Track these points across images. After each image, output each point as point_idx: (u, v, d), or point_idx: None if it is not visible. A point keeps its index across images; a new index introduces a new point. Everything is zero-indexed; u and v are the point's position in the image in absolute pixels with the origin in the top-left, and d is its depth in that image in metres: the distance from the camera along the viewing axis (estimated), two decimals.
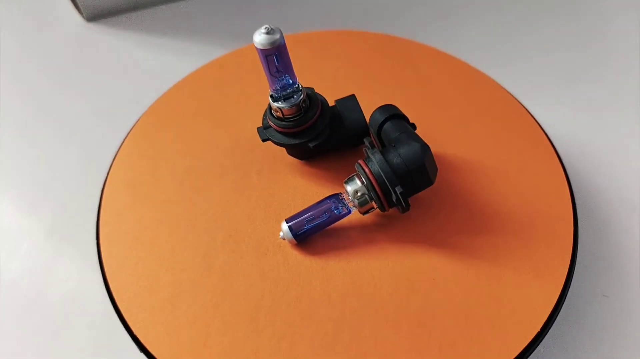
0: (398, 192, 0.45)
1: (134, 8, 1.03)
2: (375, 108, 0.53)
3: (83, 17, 1.03)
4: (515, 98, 0.62)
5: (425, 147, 0.47)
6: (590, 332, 0.58)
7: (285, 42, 0.45)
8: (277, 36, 0.44)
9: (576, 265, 0.48)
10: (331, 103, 0.55)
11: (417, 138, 0.48)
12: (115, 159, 0.59)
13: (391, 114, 0.51)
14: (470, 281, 0.47)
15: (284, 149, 0.56)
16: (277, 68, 0.47)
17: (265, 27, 0.44)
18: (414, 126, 0.53)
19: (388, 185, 0.46)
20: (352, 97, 0.55)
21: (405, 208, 0.47)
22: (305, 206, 0.52)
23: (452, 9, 1.00)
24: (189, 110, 0.64)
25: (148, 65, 0.93)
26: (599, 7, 1.01)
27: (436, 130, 0.59)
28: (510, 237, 0.49)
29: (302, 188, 0.54)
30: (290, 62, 0.47)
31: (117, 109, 0.85)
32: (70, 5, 1.04)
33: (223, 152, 0.58)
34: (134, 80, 0.90)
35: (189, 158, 0.58)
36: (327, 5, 1.01)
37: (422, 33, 0.93)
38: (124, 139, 0.61)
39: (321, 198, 0.53)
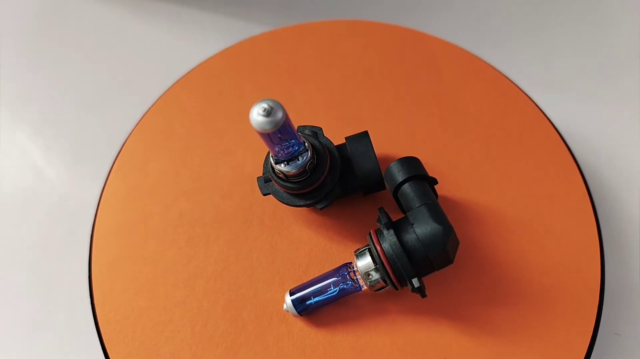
0: (415, 286, 0.41)
1: None
2: (392, 136, 0.46)
3: None
4: (557, 129, 0.54)
5: (447, 230, 0.41)
6: None
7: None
8: (279, 116, 0.36)
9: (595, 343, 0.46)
10: (339, 123, 0.48)
11: (440, 216, 0.42)
12: (102, 198, 0.53)
13: (412, 174, 0.45)
14: None
15: None
16: (279, 140, 0.40)
17: (264, 108, 0.36)
18: (435, 181, 0.47)
19: (403, 274, 0.41)
20: (365, 136, 0.48)
21: (422, 296, 0.43)
22: (311, 266, 0.48)
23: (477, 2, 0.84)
24: (182, 131, 0.56)
25: (168, 46, 0.80)
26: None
27: (457, 167, 0.52)
28: (531, 308, 0.46)
29: (308, 241, 0.50)
30: (294, 130, 0.40)
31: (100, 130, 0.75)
32: None
33: (220, 192, 0.52)
34: (148, 63, 0.79)
35: (182, 199, 0.52)
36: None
37: (445, 27, 0.79)
38: (110, 171, 0.55)
39: (329, 254, 0.49)
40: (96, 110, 0.76)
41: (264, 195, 0.47)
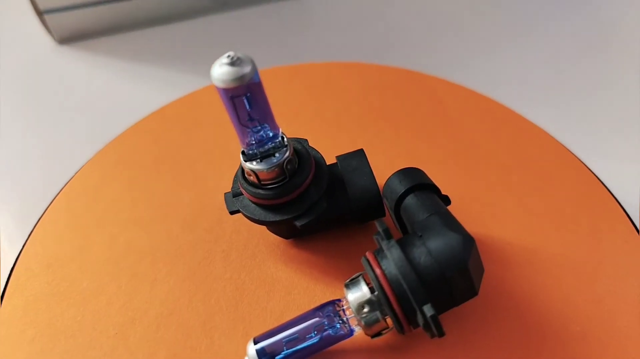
0: (428, 315, 0.29)
1: (110, 31, 0.90)
2: (392, 172, 0.37)
3: (54, 38, 0.89)
4: (571, 152, 0.46)
5: (469, 241, 0.31)
6: None
7: (261, 78, 0.30)
8: (247, 69, 0.29)
9: None
10: (331, 159, 0.39)
11: (456, 225, 0.32)
12: (38, 225, 0.43)
13: (416, 183, 0.35)
14: None
15: None
16: (249, 115, 0.32)
17: (228, 56, 0.28)
18: (447, 200, 0.37)
19: (412, 301, 0.29)
20: (360, 154, 0.40)
21: (438, 333, 0.30)
22: (287, 312, 0.36)
23: (476, 44, 0.85)
24: (145, 159, 0.48)
25: (118, 96, 0.78)
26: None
27: (473, 199, 0.43)
28: None
29: (285, 282, 0.38)
30: (268, 106, 0.32)
31: (68, 148, 0.70)
32: (40, 26, 0.91)
33: (181, 222, 0.42)
34: (97, 112, 0.76)
35: (132, 227, 0.42)
36: (334, 35, 0.86)
37: (445, 69, 0.77)
38: (56, 195, 0.46)
39: (311, 297, 0.37)
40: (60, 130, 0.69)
41: (231, 213, 0.37)
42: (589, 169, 0.45)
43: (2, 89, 0.82)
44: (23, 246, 0.42)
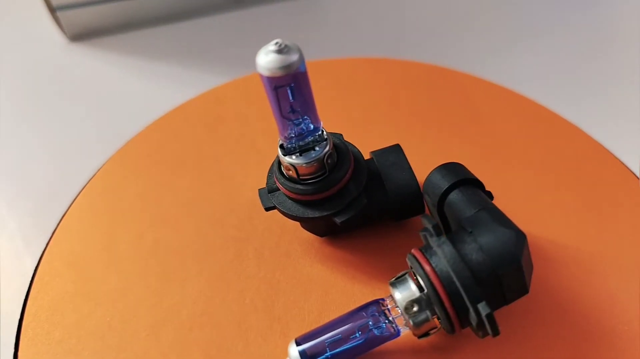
0: (483, 314, 0.28)
1: (124, 28, 0.89)
2: (426, 169, 0.36)
3: (66, 36, 0.88)
4: (604, 147, 0.45)
5: (521, 237, 0.30)
6: None
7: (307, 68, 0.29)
8: (294, 57, 0.28)
9: None
10: (365, 155, 0.38)
11: (506, 221, 0.31)
12: (61, 224, 0.42)
13: (460, 178, 0.34)
14: None
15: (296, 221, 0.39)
16: (291, 107, 0.31)
17: (276, 43, 0.27)
18: (490, 195, 0.36)
19: (465, 299, 0.28)
20: (397, 149, 0.38)
21: (493, 333, 0.29)
22: (325, 312, 0.35)
23: (497, 39, 0.84)
24: (168, 156, 0.47)
25: (132, 94, 0.77)
26: None
27: (509, 196, 0.41)
28: None
29: (322, 281, 0.37)
30: (312, 98, 0.31)
31: (83, 146, 0.69)
32: (52, 23, 0.89)
33: (209, 219, 0.41)
34: (113, 111, 0.75)
35: (159, 225, 0.41)
36: (350, 31, 0.85)
37: (474, 66, 0.76)
38: (77, 194, 0.45)
39: (350, 297, 0.36)
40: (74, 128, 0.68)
41: (267, 209, 0.36)
42: (625, 165, 0.44)
43: (15, 86, 0.81)
44: (46, 246, 0.40)
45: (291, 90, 0.29)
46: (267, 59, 0.27)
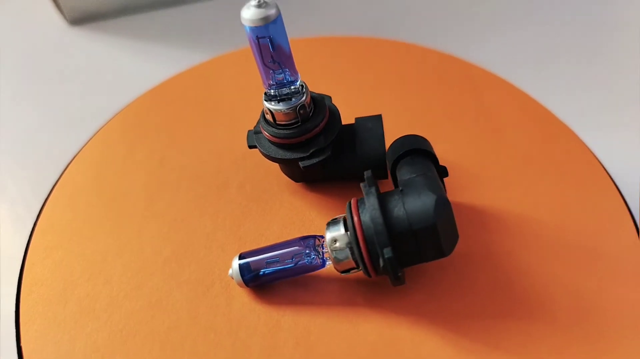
0: (386, 256, 0.32)
1: (122, 12, 0.96)
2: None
3: (66, 19, 0.96)
4: (600, 162, 0.45)
5: (442, 202, 0.33)
6: None
7: (285, 25, 0.34)
8: (272, 11, 0.33)
9: None
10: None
11: (436, 187, 0.34)
12: (58, 183, 0.48)
13: (415, 148, 0.38)
14: None
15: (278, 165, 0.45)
16: (271, 57, 0.36)
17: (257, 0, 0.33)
18: (444, 171, 0.39)
19: (376, 243, 0.32)
20: (377, 118, 0.42)
21: (396, 281, 0.33)
22: (282, 239, 0.40)
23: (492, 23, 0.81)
24: (164, 117, 0.53)
25: (129, 73, 0.84)
26: None
27: (484, 177, 0.44)
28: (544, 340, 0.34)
29: (285, 216, 0.42)
30: (289, 51, 0.36)
31: (78, 121, 0.77)
32: (53, 7, 0.98)
33: (213, 148, 0.48)
34: (110, 88, 0.82)
35: (157, 164, 0.48)
36: (358, 11, 0.86)
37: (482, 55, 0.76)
38: (82, 147, 0.52)
39: (307, 231, 0.41)
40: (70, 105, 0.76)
41: (250, 147, 0.42)
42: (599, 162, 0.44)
43: (15, 69, 0.89)
44: (44, 204, 0.47)
45: (270, 40, 0.35)
46: (249, 12, 0.33)
